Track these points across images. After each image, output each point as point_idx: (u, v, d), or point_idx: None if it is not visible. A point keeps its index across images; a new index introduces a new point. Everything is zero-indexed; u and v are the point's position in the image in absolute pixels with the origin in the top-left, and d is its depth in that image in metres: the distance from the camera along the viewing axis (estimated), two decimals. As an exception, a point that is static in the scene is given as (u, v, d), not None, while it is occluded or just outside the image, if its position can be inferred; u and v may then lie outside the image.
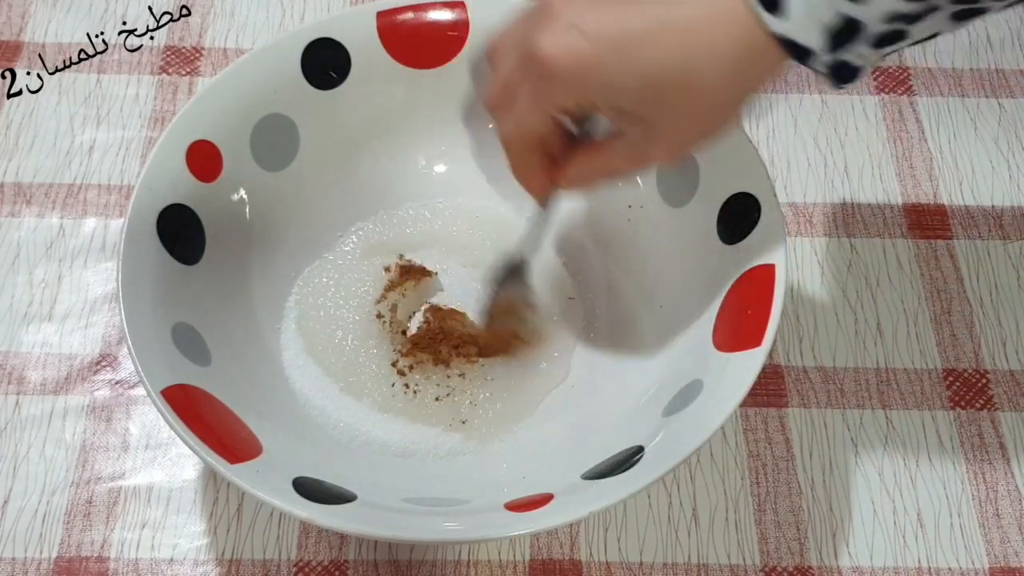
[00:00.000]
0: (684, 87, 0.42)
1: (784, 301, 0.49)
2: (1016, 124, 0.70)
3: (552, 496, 0.46)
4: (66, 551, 0.53)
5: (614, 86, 0.42)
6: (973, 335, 0.61)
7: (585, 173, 0.48)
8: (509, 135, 0.48)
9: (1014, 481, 0.57)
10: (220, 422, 0.48)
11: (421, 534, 0.45)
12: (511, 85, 0.46)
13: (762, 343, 0.48)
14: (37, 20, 0.72)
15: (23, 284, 0.61)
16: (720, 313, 0.51)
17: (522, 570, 0.53)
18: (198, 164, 0.54)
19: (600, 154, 0.47)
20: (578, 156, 0.48)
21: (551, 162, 0.48)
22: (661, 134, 0.44)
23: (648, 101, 0.42)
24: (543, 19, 0.43)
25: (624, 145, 0.46)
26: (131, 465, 0.55)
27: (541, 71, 0.43)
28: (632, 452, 0.48)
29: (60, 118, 0.68)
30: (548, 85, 0.43)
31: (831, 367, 0.60)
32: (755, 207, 0.52)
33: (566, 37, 0.42)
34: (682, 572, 0.53)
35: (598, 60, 0.42)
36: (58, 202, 0.64)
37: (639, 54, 0.41)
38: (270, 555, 0.53)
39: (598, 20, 0.42)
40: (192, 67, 0.70)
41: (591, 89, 0.43)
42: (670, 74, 0.41)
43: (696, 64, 0.41)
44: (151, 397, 0.46)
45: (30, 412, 0.56)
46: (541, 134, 0.47)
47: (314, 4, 0.74)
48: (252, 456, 0.46)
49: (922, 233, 0.65)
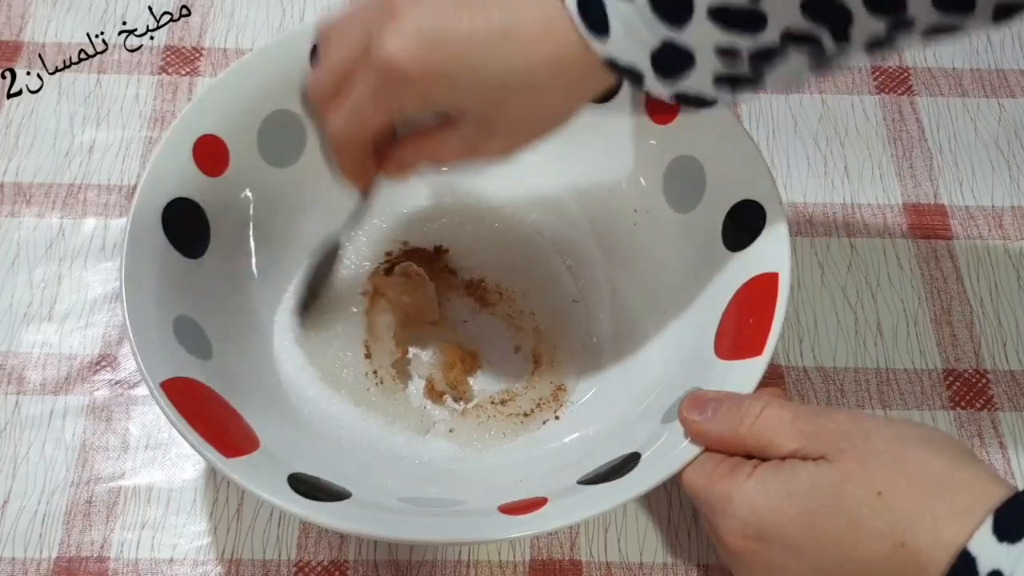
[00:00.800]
0: (524, 94, 0.43)
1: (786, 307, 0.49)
2: (1016, 124, 0.70)
3: (546, 500, 0.46)
4: (66, 551, 0.53)
5: (459, 88, 0.43)
6: (973, 335, 0.61)
7: (412, 159, 0.48)
8: (341, 130, 0.47)
9: (1014, 481, 0.57)
10: (218, 416, 0.48)
11: (413, 534, 0.45)
12: (343, 77, 0.45)
13: (762, 352, 0.47)
14: (37, 20, 0.72)
15: (23, 284, 0.61)
16: (722, 321, 0.51)
17: (522, 570, 0.53)
18: (205, 158, 0.54)
19: (430, 142, 0.47)
20: (407, 143, 0.48)
21: (375, 151, 0.48)
22: (496, 133, 0.45)
23: (488, 103, 0.44)
24: (387, 17, 0.43)
25: (457, 137, 0.46)
26: (131, 465, 0.55)
27: (388, 72, 0.43)
28: (628, 458, 0.48)
29: (60, 118, 0.68)
30: (395, 86, 0.43)
31: (831, 367, 0.60)
32: (760, 214, 0.52)
33: (413, 40, 0.42)
34: (682, 572, 0.53)
35: (445, 66, 0.42)
36: (58, 202, 0.64)
37: (483, 62, 0.42)
38: (270, 555, 0.53)
39: (444, 25, 0.42)
40: (192, 67, 0.70)
41: (436, 92, 0.43)
42: (511, 82, 0.43)
43: (535, 74, 0.43)
44: (150, 389, 0.46)
45: (30, 412, 0.56)
46: (377, 129, 0.47)
47: (314, 4, 0.74)
48: (249, 451, 0.46)
49: (922, 233, 0.65)
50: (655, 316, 0.57)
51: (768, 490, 0.43)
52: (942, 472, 0.41)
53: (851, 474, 0.41)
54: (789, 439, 0.43)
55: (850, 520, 0.41)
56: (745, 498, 0.43)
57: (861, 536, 0.40)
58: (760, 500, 0.42)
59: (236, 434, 0.47)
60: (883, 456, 0.41)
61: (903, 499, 0.40)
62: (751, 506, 0.43)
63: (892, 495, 0.40)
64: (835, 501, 0.41)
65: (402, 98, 0.44)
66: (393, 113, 0.46)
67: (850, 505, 0.41)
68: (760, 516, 0.42)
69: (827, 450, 0.42)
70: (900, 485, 0.40)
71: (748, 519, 0.43)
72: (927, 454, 0.41)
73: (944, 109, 0.71)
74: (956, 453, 0.42)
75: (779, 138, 0.69)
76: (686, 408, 0.47)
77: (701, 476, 0.45)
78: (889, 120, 0.70)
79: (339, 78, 0.46)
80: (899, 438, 0.42)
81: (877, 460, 0.41)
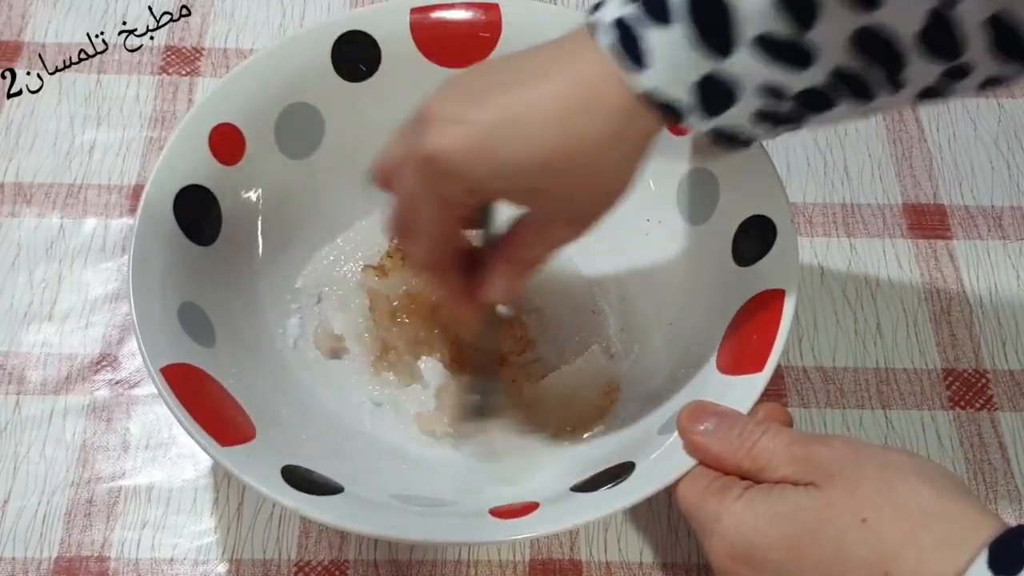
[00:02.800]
0: (570, 159, 0.42)
1: None
2: (1016, 124, 0.70)
3: (537, 505, 0.46)
4: (66, 551, 0.53)
5: (503, 169, 0.42)
6: (973, 335, 0.61)
7: (509, 274, 0.48)
8: (427, 256, 0.47)
9: (1014, 481, 0.57)
10: (216, 404, 0.48)
11: (402, 532, 0.45)
12: (412, 200, 0.45)
13: (763, 369, 0.47)
14: (37, 20, 0.72)
15: (23, 284, 0.61)
16: (727, 334, 0.51)
17: (522, 570, 0.53)
18: (221, 147, 0.54)
19: (515, 250, 0.47)
20: (496, 262, 0.47)
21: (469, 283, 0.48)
22: (559, 210, 0.45)
23: (538, 176, 0.43)
24: (424, 124, 0.43)
25: (530, 232, 0.46)
26: (131, 465, 0.55)
27: (434, 168, 0.43)
28: (623, 468, 0.47)
29: (60, 118, 0.68)
30: (444, 179, 0.43)
31: (831, 367, 0.60)
32: (771, 230, 0.52)
33: (450, 130, 0.42)
34: (682, 572, 0.53)
35: (484, 144, 0.42)
36: (58, 202, 0.64)
37: (523, 135, 0.42)
38: (270, 555, 0.53)
39: (479, 110, 0.42)
40: (192, 67, 0.70)
41: (484, 172, 0.43)
42: (553, 147, 0.42)
43: (578, 136, 0.42)
44: (150, 373, 0.46)
45: (30, 412, 0.56)
46: (455, 244, 0.47)
47: (314, 4, 0.74)
48: (244, 440, 0.46)
49: (922, 233, 0.65)
50: (662, 326, 0.57)
51: (756, 512, 0.42)
52: (931, 503, 0.40)
53: (838, 500, 0.41)
54: (783, 464, 0.43)
55: (835, 547, 0.40)
56: (733, 518, 0.43)
57: (845, 564, 0.40)
58: (748, 522, 0.42)
59: (233, 423, 0.47)
60: (871, 483, 0.41)
61: (888, 528, 0.40)
62: (738, 527, 0.42)
63: (877, 523, 0.40)
64: (821, 527, 0.41)
65: (453, 189, 0.43)
66: (457, 212, 0.45)
67: (835, 531, 0.40)
68: (747, 538, 0.42)
69: (817, 476, 0.42)
70: (886, 513, 0.40)
71: (735, 540, 0.42)
72: (918, 484, 0.41)
73: (944, 109, 0.71)
74: (947, 486, 0.41)
75: (779, 138, 0.69)
76: (686, 417, 0.46)
77: (692, 492, 0.45)
78: (889, 120, 0.70)
79: (410, 205, 0.46)
80: (890, 466, 0.42)
81: (864, 487, 0.41)
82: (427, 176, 0.43)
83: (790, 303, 0.49)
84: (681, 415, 0.47)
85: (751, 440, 0.44)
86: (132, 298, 0.48)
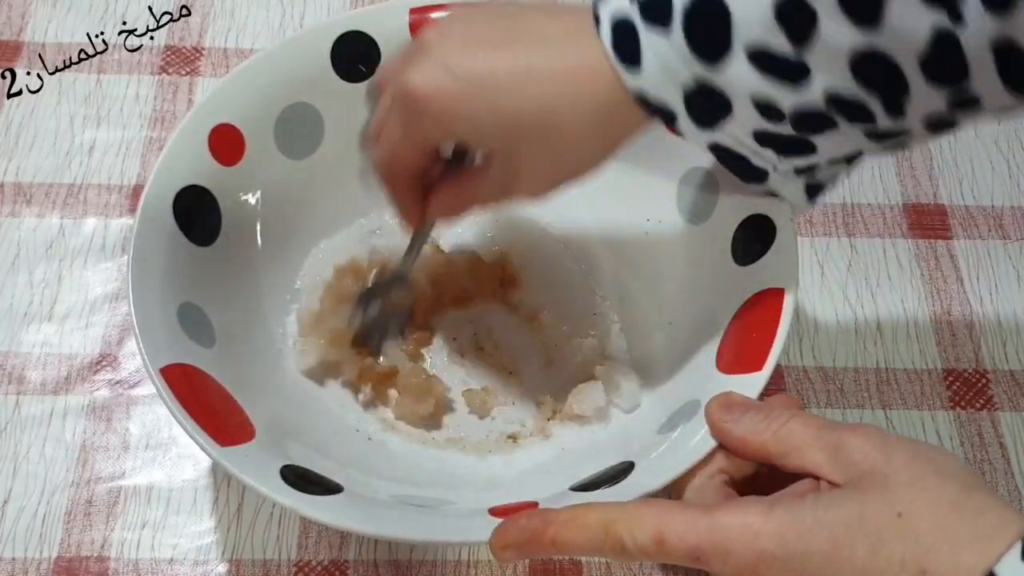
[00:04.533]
0: (542, 132, 0.44)
1: None
2: (1016, 124, 0.70)
3: (536, 505, 0.46)
4: (66, 551, 0.53)
5: (476, 122, 0.44)
6: (973, 335, 0.61)
7: (451, 202, 0.50)
8: (380, 164, 0.49)
9: (1014, 481, 0.57)
10: (216, 404, 0.48)
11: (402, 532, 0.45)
12: (388, 115, 0.47)
13: (763, 368, 0.47)
14: (37, 20, 0.72)
15: (23, 284, 0.61)
16: (726, 334, 0.51)
17: (522, 570, 0.53)
18: (220, 147, 0.54)
19: (467, 184, 0.49)
20: (446, 185, 0.49)
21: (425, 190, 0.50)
22: (521, 172, 0.46)
23: (508, 139, 0.44)
24: (418, 55, 0.44)
25: (489, 178, 0.47)
26: (131, 465, 0.55)
27: (410, 104, 0.44)
28: (623, 467, 0.47)
29: (60, 118, 0.68)
30: (416, 118, 0.45)
31: (831, 367, 0.60)
32: (771, 230, 0.52)
33: (435, 74, 0.43)
34: (682, 572, 0.53)
35: (462, 97, 0.43)
36: (58, 202, 0.64)
37: (501, 96, 0.43)
38: (270, 555, 0.53)
39: (468, 60, 0.44)
40: (192, 67, 0.70)
41: (455, 124, 0.44)
42: (528, 118, 0.43)
43: (555, 113, 0.43)
44: (149, 373, 0.46)
45: (30, 412, 0.57)
46: (412, 164, 0.48)
47: (314, 4, 0.74)
48: (243, 440, 0.46)
49: (922, 233, 0.65)
50: (662, 326, 0.57)
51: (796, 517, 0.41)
52: (959, 495, 0.40)
53: (874, 496, 0.40)
54: (814, 450, 0.42)
55: (871, 545, 0.39)
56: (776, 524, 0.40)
57: (882, 566, 0.40)
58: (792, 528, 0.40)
59: (232, 423, 0.47)
60: (902, 476, 0.40)
61: (924, 521, 0.39)
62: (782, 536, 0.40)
63: (913, 517, 0.39)
64: (859, 523, 0.40)
65: (423, 129, 0.45)
66: (421, 146, 0.47)
67: (871, 527, 0.40)
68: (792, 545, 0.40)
69: (849, 472, 0.41)
70: (919, 506, 0.39)
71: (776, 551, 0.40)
72: (943, 476, 0.40)
73: (944, 109, 0.71)
74: (971, 480, 0.41)
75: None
76: (716, 407, 0.46)
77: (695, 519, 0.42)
78: (889, 120, 0.70)
79: (384, 119, 0.47)
80: (919, 459, 0.41)
81: (895, 480, 0.40)
82: (403, 106, 0.45)
83: (790, 302, 0.49)
84: (710, 405, 0.46)
85: (778, 422, 0.43)
86: (132, 298, 0.48)
